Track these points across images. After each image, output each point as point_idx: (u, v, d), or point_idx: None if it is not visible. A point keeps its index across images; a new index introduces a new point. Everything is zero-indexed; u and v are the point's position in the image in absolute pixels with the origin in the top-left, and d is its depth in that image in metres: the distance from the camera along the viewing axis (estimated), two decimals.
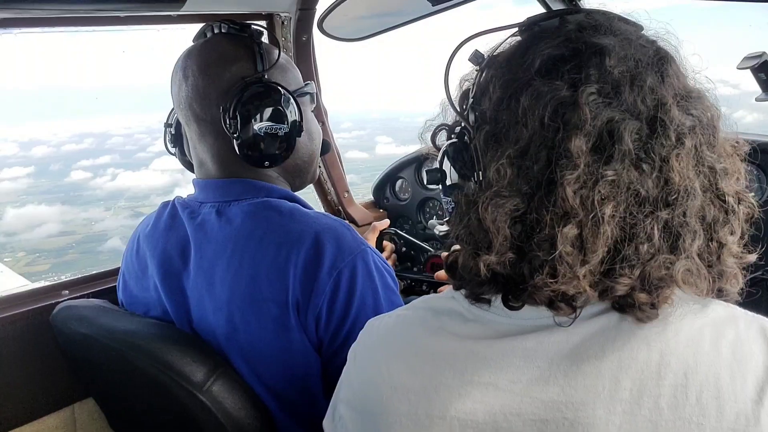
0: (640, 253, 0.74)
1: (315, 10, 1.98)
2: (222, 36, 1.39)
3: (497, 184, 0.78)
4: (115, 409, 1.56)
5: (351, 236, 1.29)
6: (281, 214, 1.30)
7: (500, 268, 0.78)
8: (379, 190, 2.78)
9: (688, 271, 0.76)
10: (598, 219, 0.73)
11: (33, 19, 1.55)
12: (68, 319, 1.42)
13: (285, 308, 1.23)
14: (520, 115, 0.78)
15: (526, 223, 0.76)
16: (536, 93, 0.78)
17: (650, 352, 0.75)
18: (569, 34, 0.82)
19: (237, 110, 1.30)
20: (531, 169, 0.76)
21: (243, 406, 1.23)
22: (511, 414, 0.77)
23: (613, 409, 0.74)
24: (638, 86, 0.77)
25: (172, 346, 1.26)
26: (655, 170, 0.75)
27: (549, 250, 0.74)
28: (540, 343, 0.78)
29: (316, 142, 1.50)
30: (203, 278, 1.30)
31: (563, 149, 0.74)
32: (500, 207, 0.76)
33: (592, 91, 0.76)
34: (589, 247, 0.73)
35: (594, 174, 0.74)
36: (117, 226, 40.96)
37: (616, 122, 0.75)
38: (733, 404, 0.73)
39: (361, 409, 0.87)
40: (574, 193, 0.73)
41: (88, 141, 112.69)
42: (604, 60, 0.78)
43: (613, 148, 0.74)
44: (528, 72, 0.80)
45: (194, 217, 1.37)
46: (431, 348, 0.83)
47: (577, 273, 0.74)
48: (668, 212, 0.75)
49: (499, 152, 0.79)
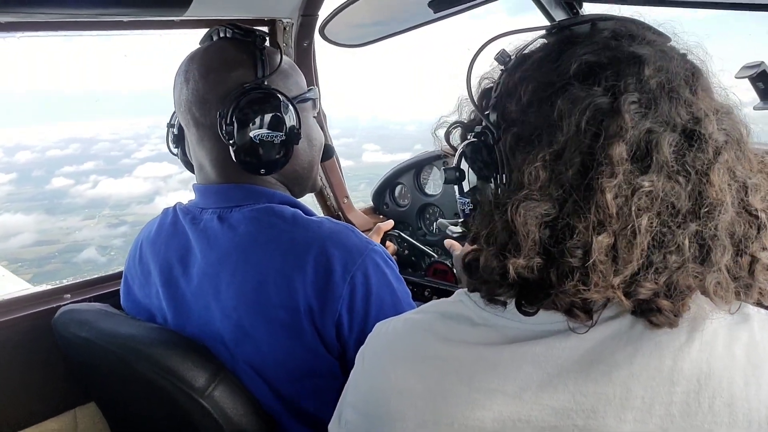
0: (668, 261, 0.74)
1: (317, 16, 1.98)
2: (225, 41, 1.39)
3: (529, 186, 0.76)
4: (117, 413, 1.56)
5: (356, 238, 1.30)
6: (285, 221, 1.30)
7: (527, 272, 0.76)
8: (379, 195, 2.78)
9: (718, 284, 0.76)
10: (635, 230, 0.72)
11: (36, 23, 1.55)
12: (70, 323, 1.42)
13: (296, 314, 1.22)
14: (555, 118, 0.77)
15: (556, 229, 0.75)
16: (573, 97, 0.77)
17: (662, 358, 0.74)
18: (606, 41, 0.82)
19: (234, 116, 1.30)
20: (565, 173, 0.75)
21: (244, 412, 1.23)
22: (520, 421, 0.76)
23: (624, 417, 0.74)
24: (675, 98, 0.77)
25: (173, 351, 1.26)
26: (690, 183, 0.75)
27: (582, 257, 0.73)
28: (550, 349, 0.78)
29: (316, 148, 1.49)
30: (209, 284, 1.30)
31: (603, 156, 0.74)
32: (531, 210, 0.75)
33: (634, 99, 0.75)
34: (623, 257, 0.73)
35: (631, 183, 0.73)
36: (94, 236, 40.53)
37: (655, 133, 0.75)
38: (747, 411, 0.73)
39: (368, 413, 0.86)
40: (612, 200, 0.72)
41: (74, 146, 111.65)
42: (642, 70, 0.77)
43: (651, 158, 0.74)
44: (563, 76, 0.79)
45: (196, 223, 1.37)
46: (439, 353, 0.83)
47: (612, 282, 0.73)
48: (699, 224, 0.75)
49: (531, 155, 0.77)
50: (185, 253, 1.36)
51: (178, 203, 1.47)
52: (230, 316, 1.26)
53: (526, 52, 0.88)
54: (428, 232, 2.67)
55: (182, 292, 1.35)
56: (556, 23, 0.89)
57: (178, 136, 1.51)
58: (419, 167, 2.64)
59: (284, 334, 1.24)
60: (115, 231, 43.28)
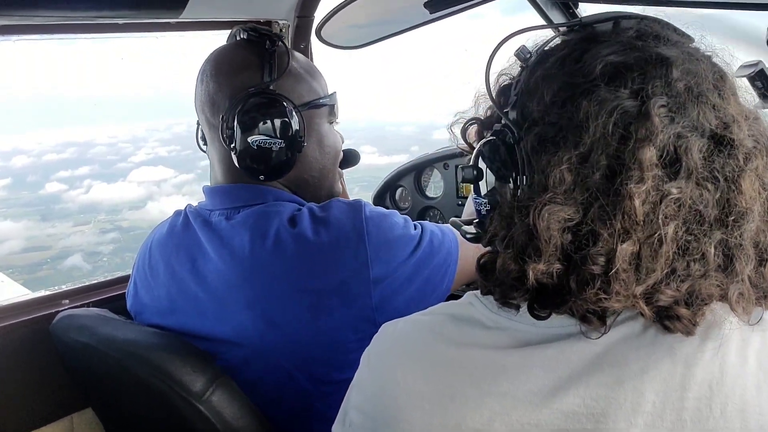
0: (691, 269, 0.72)
1: (313, 17, 1.98)
2: (241, 42, 1.40)
3: (553, 189, 0.74)
4: (114, 419, 1.55)
5: (345, 203, 1.33)
6: (294, 215, 1.30)
7: (546, 277, 0.74)
8: (379, 198, 2.78)
9: (741, 295, 0.74)
10: (662, 238, 0.71)
11: (32, 26, 1.55)
12: (68, 328, 1.42)
13: (320, 294, 1.24)
14: (580, 119, 0.75)
15: (579, 234, 0.73)
16: (599, 99, 0.74)
17: (674, 363, 0.73)
18: (631, 41, 0.80)
19: (236, 120, 1.30)
20: (590, 177, 0.73)
21: (242, 416, 1.22)
22: (530, 425, 0.74)
23: (635, 422, 0.72)
24: (703, 102, 0.75)
25: (171, 356, 1.25)
26: (718, 190, 0.73)
27: (605, 265, 0.71)
28: (561, 352, 0.76)
29: (329, 156, 1.47)
30: (224, 283, 1.30)
31: (633, 160, 0.71)
32: (554, 214, 0.73)
33: (663, 103, 0.73)
34: (647, 266, 0.71)
35: (660, 190, 0.71)
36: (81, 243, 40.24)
37: (684, 138, 0.73)
38: (758, 417, 0.71)
39: (374, 415, 0.84)
40: (641, 207, 0.70)
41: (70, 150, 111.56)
42: (670, 72, 0.75)
43: (680, 164, 0.72)
44: (588, 77, 0.77)
45: (207, 224, 1.37)
46: (448, 355, 0.81)
47: (634, 292, 0.71)
48: (725, 232, 0.73)
49: (557, 156, 0.75)
50: (197, 254, 1.36)
51: (188, 205, 1.47)
52: (252, 308, 1.26)
53: (547, 49, 0.86)
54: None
55: (196, 291, 1.34)
56: (578, 20, 0.87)
57: None
58: (420, 170, 2.64)
59: (312, 316, 1.24)
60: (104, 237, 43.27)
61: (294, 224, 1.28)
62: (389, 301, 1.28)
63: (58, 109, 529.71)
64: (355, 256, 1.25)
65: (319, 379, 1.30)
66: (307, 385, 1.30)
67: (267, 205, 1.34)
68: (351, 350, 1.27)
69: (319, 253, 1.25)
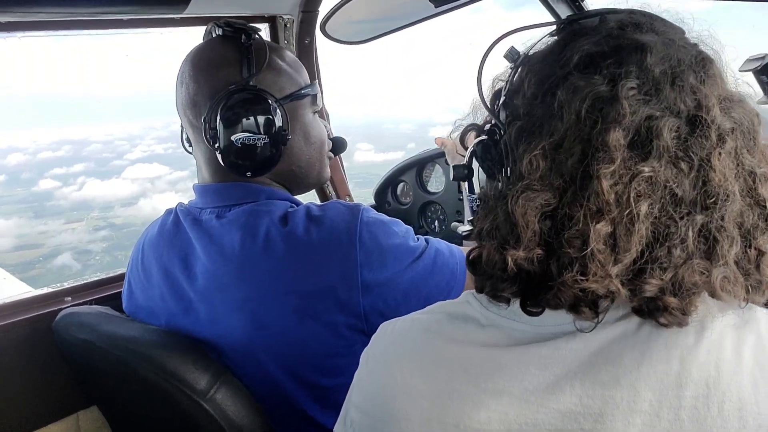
0: (672, 256, 0.72)
1: (317, 12, 1.97)
2: (217, 39, 1.38)
3: (529, 176, 0.75)
4: (119, 417, 1.56)
5: (344, 205, 1.31)
6: (285, 215, 1.29)
7: (527, 264, 0.75)
8: (381, 194, 2.78)
9: (725, 279, 0.74)
10: (633, 216, 0.71)
11: (36, 22, 1.54)
12: (71, 326, 1.41)
13: (310, 297, 1.22)
14: (555, 108, 0.76)
15: (556, 219, 0.74)
16: (573, 87, 0.76)
17: (670, 362, 0.73)
18: (610, 31, 0.81)
19: (217, 119, 1.28)
20: (565, 162, 0.74)
21: (246, 414, 1.22)
22: (527, 424, 0.75)
23: (632, 421, 0.72)
24: (679, 85, 0.76)
25: (175, 354, 1.25)
26: (693, 170, 0.73)
27: (580, 247, 0.72)
28: (556, 350, 0.76)
29: (315, 145, 1.46)
30: (214, 282, 1.29)
31: (600, 142, 0.73)
32: (531, 200, 0.74)
33: (632, 86, 0.74)
34: (622, 246, 0.71)
35: (630, 170, 0.72)
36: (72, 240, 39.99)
37: (655, 119, 0.73)
38: (756, 415, 0.71)
39: (373, 413, 0.85)
40: (610, 187, 0.71)
41: (66, 148, 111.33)
42: (645, 57, 0.76)
43: (651, 144, 0.73)
44: (565, 67, 0.79)
45: (197, 223, 1.36)
46: (446, 354, 0.81)
47: (609, 272, 0.71)
48: (706, 216, 0.73)
49: (532, 144, 0.77)
50: (188, 254, 1.35)
51: (179, 204, 1.46)
52: (241, 310, 1.26)
53: (534, 50, 0.88)
54: (430, 230, 2.66)
55: (186, 292, 1.34)
56: (566, 18, 0.88)
57: None
58: (421, 165, 2.64)
59: (299, 319, 1.23)
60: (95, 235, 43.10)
61: (285, 223, 1.27)
62: (381, 312, 1.26)
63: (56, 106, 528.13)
64: (344, 260, 1.23)
65: (307, 383, 1.29)
66: (294, 388, 1.29)
67: (258, 204, 1.33)
68: (338, 355, 1.27)
69: (309, 253, 1.24)
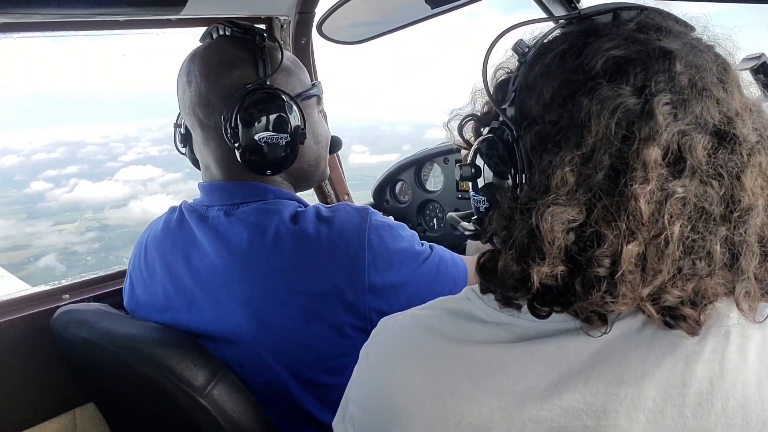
0: (697, 269, 0.71)
1: (314, 13, 1.97)
2: (225, 39, 1.39)
3: (556, 191, 0.72)
4: (116, 414, 1.56)
5: (353, 208, 1.33)
6: (293, 215, 1.31)
7: (551, 280, 0.73)
8: (379, 192, 2.78)
9: (747, 294, 0.73)
10: (668, 238, 0.69)
11: (33, 23, 1.55)
12: (69, 323, 1.42)
13: (316, 298, 1.23)
14: (582, 118, 0.73)
15: (583, 236, 0.72)
16: (602, 97, 0.72)
17: (675, 360, 0.72)
18: (631, 34, 0.78)
19: (238, 118, 1.30)
20: (593, 177, 0.71)
21: (244, 410, 1.23)
22: (530, 421, 0.74)
23: (636, 418, 0.72)
24: (707, 97, 0.74)
25: (172, 350, 1.26)
26: (723, 187, 0.72)
27: (610, 266, 0.70)
28: (560, 348, 0.75)
29: (322, 144, 1.50)
30: (220, 279, 1.30)
31: (637, 160, 0.70)
32: (557, 216, 0.71)
33: (666, 101, 0.72)
34: (653, 267, 0.70)
35: (664, 189, 0.70)
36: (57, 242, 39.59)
37: (687, 134, 0.71)
38: (761, 413, 0.71)
39: (373, 409, 0.84)
40: (647, 207, 0.69)
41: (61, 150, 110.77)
42: (673, 66, 0.74)
43: (684, 162, 0.71)
44: (589, 73, 0.75)
45: (204, 220, 1.37)
46: (446, 351, 0.80)
47: (641, 294, 0.70)
48: (729, 229, 0.72)
49: (558, 157, 0.73)
50: (192, 250, 1.36)
51: (183, 202, 1.47)
52: (246, 307, 1.26)
53: (546, 43, 0.84)
54: (428, 228, 2.67)
55: (190, 288, 1.35)
56: (577, 12, 0.85)
57: (185, 135, 1.51)
58: (420, 164, 2.65)
59: (305, 320, 1.24)
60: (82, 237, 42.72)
61: (295, 222, 1.29)
62: (384, 314, 1.25)
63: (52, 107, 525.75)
64: (352, 261, 1.25)
65: (310, 381, 1.30)
66: (296, 386, 1.30)
67: (267, 203, 1.34)
68: (341, 355, 1.27)
69: (318, 252, 1.25)
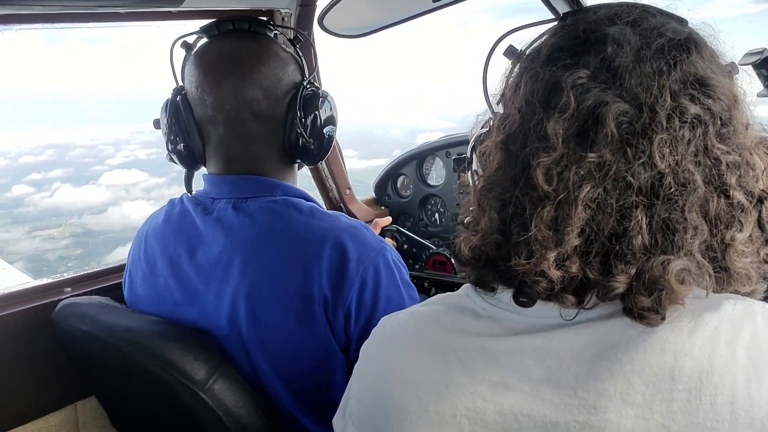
0: (633, 248, 0.73)
1: (315, 6, 1.96)
2: (264, 37, 1.45)
3: (490, 167, 0.82)
4: (117, 407, 1.56)
5: (371, 235, 1.33)
6: (302, 213, 1.32)
7: (487, 248, 0.80)
8: (381, 187, 2.78)
9: (684, 270, 0.73)
10: (571, 200, 0.73)
11: (33, 15, 1.54)
12: (70, 316, 1.42)
13: (310, 302, 1.24)
14: (518, 102, 0.81)
15: (510, 206, 0.78)
16: (530, 79, 0.81)
17: (664, 355, 0.73)
18: (587, 24, 0.82)
19: (302, 112, 1.39)
20: (514, 153, 0.80)
21: (245, 404, 1.23)
22: (522, 415, 0.76)
23: (625, 413, 0.73)
24: (639, 72, 0.76)
25: (173, 344, 1.26)
26: (643, 157, 0.74)
27: (524, 232, 0.76)
28: (549, 342, 0.77)
29: None
30: (221, 272, 1.30)
31: (541, 133, 0.76)
32: (491, 190, 0.81)
33: (580, 75, 0.76)
34: (561, 229, 0.73)
35: (573, 156, 0.74)
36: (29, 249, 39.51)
37: (604, 105, 0.74)
38: (749, 409, 0.71)
39: (372, 404, 0.87)
40: (544, 176, 0.75)
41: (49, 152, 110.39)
42: (605, 47, 0.78)
43: (595, 132, 0.74)
44: (535, 61, 0.83)
45: (208, 212, 1.37)
46: (443, 344, 0.83)
47: (547, 256, 0.74)
48: (665, 206, 0.73)
49: (492, 136, 0.83)
50: (194, 243, 1.36)
51: (184, 194, 1.47)
52: (244, 302, 1.27)
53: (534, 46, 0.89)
54: (430, 222, 2.67)
55: (192, 280, 1.35)
56: (560, 16, 0.89)
57: (187, 130, 1.47)
58: (422, 158, 2.64)
59: (298, 322, 1.25)
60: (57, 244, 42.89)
61: (309, 229, 1.30)
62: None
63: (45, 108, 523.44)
64: (344, 281, 1.25)
65: (299, 392, 1.31)
66: (282, 393, 1.30)
67: (276, 200, 1.35)
68: (323, 361, 1.28)
69: (320, 260, 1.25)
